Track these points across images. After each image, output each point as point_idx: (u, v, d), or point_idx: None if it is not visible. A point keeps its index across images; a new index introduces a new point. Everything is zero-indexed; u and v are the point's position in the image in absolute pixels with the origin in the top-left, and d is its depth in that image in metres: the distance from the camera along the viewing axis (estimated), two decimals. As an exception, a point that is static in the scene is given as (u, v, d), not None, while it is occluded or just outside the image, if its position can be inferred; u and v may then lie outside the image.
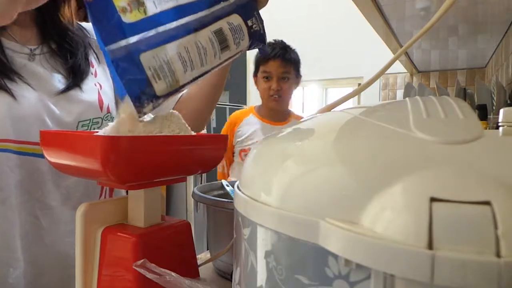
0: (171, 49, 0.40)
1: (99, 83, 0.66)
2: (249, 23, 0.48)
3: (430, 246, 0.16)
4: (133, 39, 0.38)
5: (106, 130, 0.42)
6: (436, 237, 0.16)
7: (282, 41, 1.44)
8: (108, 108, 0.66)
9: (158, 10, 0.40)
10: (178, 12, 0.41)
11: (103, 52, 0.38)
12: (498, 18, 1.34)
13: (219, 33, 0.45)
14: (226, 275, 0.64)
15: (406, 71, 2.70)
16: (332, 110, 0.36)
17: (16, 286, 0.57)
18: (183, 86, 0.42)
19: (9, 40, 0.58)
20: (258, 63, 1.42)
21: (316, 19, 3.36)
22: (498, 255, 0.15)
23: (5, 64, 0.55)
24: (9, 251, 0.56)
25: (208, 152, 0.49)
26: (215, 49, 0.44)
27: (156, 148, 0.41)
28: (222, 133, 1.53)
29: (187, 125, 0.47)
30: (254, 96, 3.59)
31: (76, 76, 0.62)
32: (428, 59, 2.24)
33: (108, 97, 0.67)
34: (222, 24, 0.45)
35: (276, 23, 3.50)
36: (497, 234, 0.16)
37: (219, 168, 1.53)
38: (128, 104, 0.39)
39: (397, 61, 1.87)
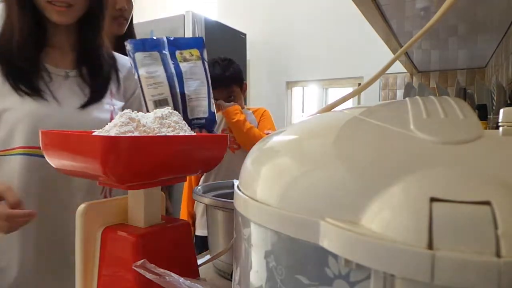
0: (160, 70, 0.79)
1: (114, 105, 0.80)
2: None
3: (430, 246, 0.16)
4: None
5: (105, 130, 0.42)
6: (436, 237, 0.16)
7: (218, 63, 1.39)
8: None
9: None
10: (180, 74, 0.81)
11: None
12: (498, 18, 1.34)
13: (165, 102, 0.79)
14: (226, 275, 0.64)
15: (406, 71, 2.70)
16: (332, 110, 0.36)
17: (13, 267, 0.66)
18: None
19: (50, 64, 0.73)
20: None
21: (316, 19, 3.36)
22: (498, 255, 0.15)
23: (45, 84, 0.71)
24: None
25: (208, 152, 0.49)
26: (158, 102, 0.79)
27: (156, 148, 0.41)
28: None
29: (187, 125, 0.48)
30: (253, 96, 3.59)
31: (95, 97, 0.76)
32: (428, 59, 2.24)
33: None
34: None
35: (276, 23, 3.51)
36: (497, 234, 0.16)
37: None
38: None
39: (397, 61, 1.87)
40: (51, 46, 0.74)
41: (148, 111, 0.76)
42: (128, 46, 0.76)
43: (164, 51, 0.79)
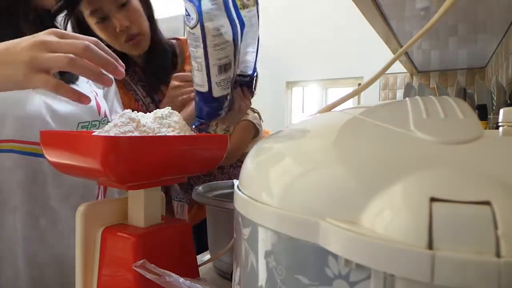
0: (224, 20, 0.60)
1: (95, 91, 0.70)
2: (226, 103, 0.69)
3: (430, 246, 0.16)
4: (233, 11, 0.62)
5: (105, 130, 0.42)
6: (436, 237, 0.16)
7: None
8: (105, 113, 0.69)
9: (243, 16, 0.64)
10: (243, 29, 0.65)
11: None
12: (498, 18, 1.34)
13: (229, 64, 0.63)
14: (226, 275, 0.64)
15: (406, 71, 2.70)
16: (332, 110, 0.36)
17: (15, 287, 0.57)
18: (202, 31, 0.60)
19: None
20: None
21: (316, 19, 3.36)
22: (498, 255, 0.15)
23: None
24: (8, 252, 0.56)
25: (208, 152, 0.49)
26: (222, 60, 0.62)
27: (156, 148, 0.41)
28: None
29: (187, 125, 0.48)
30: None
31: (68, 77, 0.64)
32: (428, 59, 2.24)
33: (104, 104, 0.71)
34: (233, 70, 0.66)
35: (276, 23, 3.50)
36: (497, 234, 0.16)
37: None
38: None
39: (397, 61, 1.87)
40: None
41: (209, 77, 0.63)
42: None
43: None
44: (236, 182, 0.32)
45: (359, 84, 2.76)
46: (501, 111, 0.29)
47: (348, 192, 0.20)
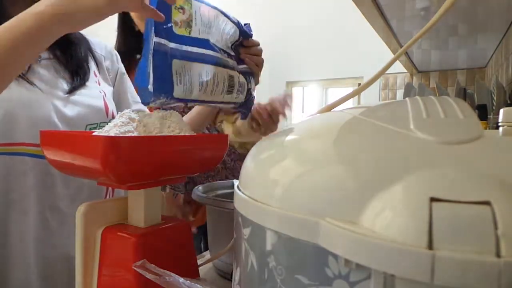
0: (195, 67, 0.50)
1: (103, 91, 0.69)
2: (249, 86, 0.62)
3: (430, 246, 0.16)
4: (172, 45, 0.48)
5: (105, 130, 0.42)
6: (436, 237, 0.16)
7: None
8: (112, 113, 0.68)
9: (198, 36, 0.51)
10: (209, 45, 0.53)
11: (146, 40, 0.46)
12: (498, 18, 1.34)
13: (231, 78, 0.57)
14: (226, 275, 0.64)
15: (406, 71, 2.70)
16: (332, 110, 0.36)
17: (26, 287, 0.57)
18: (192, 101, 0.51)
19: None
20: None
21: (316, 19, 3.36)
22: (498, 255, 0.15)
23: None
24: (20, 253, 0.57)
25: (208, 152, 0.49)
26: (224, 88, 0.55)
27: (156, 148, 0.41)
28: None
29: (187, 125, 0.47)
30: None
31: (79, 78, 0.65)
32: (428, 59, 2.24)
33: (112, 104, 0.70)
34: (235, 74, 0.58)
35: (276, 23, 3.51)
36: (497, 234, 0.16)
37: None
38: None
39: (397, 61, 1.87)
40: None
41: (229, 104, 0.59)
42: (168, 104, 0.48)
43: (170, 47, 0.48)
44: (236, 182, 0.32)
45: (359, 84, 2.76)
46: (501, 111, 0.29)
47: (348, 192, 0.20)
